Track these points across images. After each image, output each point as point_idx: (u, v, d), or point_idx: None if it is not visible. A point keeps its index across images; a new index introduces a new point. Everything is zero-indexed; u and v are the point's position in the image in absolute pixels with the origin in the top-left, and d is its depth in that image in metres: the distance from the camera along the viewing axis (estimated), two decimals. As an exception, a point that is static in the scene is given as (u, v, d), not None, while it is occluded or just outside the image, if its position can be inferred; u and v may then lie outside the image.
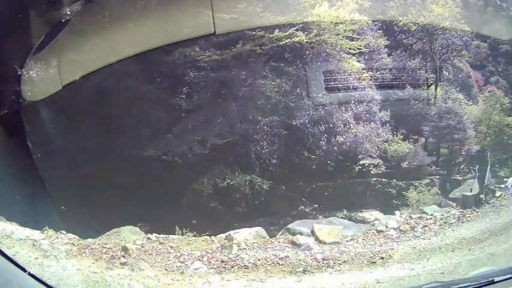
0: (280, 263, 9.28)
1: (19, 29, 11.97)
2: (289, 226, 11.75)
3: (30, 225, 9.91)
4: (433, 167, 21.28)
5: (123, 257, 9.17)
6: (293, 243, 10.35)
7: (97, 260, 8.93)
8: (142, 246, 9.92)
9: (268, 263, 9.27)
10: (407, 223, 11.90)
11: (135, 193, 13.73)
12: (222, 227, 12.29)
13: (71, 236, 10.14)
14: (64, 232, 10.21)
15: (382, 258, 9.41)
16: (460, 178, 21.47)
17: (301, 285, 8.39)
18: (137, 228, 11.43)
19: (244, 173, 16.41)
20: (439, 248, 9.85)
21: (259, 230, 11.36)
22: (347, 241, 10.66)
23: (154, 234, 10.78)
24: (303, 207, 17.27)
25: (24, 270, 3.67)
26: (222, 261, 9.33)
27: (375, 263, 9.23)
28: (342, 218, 15.32)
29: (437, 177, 20.75)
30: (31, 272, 3.68)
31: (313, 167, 17.82)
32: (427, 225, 11.62)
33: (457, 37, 21.50)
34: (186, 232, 11.76)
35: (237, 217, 15.08)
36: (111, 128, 14.43)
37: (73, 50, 11.64)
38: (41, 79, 11.89)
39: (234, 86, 16.28)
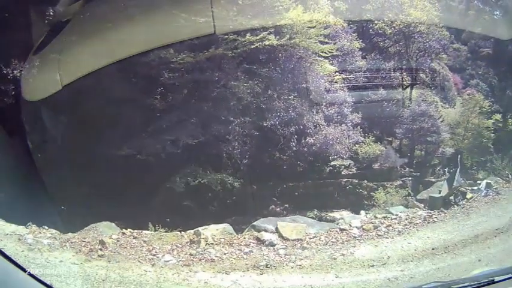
0: (245, 258, 10.22)
1: (19, 29, 12.52)
2: (254, 223, 12.59)
3: (15, 220, 10.79)
4: (407, 169, 21.97)
5: (101, 250, 10.04)
6: (258, 239, 11.17)
7: (77, 252, 9.76)
8: (118, 241, 10.75)
9: (233, 257, 10.21)
10: (371, 222, 12.63)
11: (111, 191, 14.36)
12: (193, 225, 12.47)
13: (53, 230, 10.97)
14: (46, 227, 11.03)
15: (343, 254, 10.27)
16: (433, 180, 22.27)
17: (263, 278, 9.15)
18: (113, 224, 12.26)
19: (216, 172, 17.04)
20: (401, 246, 10.64)
21: (227, 226, 12.28)
22: (310, 238, 11.43)
23: (129, 230, 11.58)
24: (273, 206, 17.98)
25: (24, 270, 3.81)
26: (191, 255, 10.24)
27: (335, 259, 10.06)
28: (312, 217, 15.85)
29: (410, 178, 21.39)
30: (31, 272, 3.86)
31: (284, 167, 18.45)
32: (391, 225, 12.33)
33: (435, 40, 22.41)
34: (159, 228, 12.49)
35: (209, 216, 15.23)
36: (88, 128, 14.80)
37: (73, 50, 12.18)
38: (41, 79, 12.45)
39: (208, 88, 16.93)
